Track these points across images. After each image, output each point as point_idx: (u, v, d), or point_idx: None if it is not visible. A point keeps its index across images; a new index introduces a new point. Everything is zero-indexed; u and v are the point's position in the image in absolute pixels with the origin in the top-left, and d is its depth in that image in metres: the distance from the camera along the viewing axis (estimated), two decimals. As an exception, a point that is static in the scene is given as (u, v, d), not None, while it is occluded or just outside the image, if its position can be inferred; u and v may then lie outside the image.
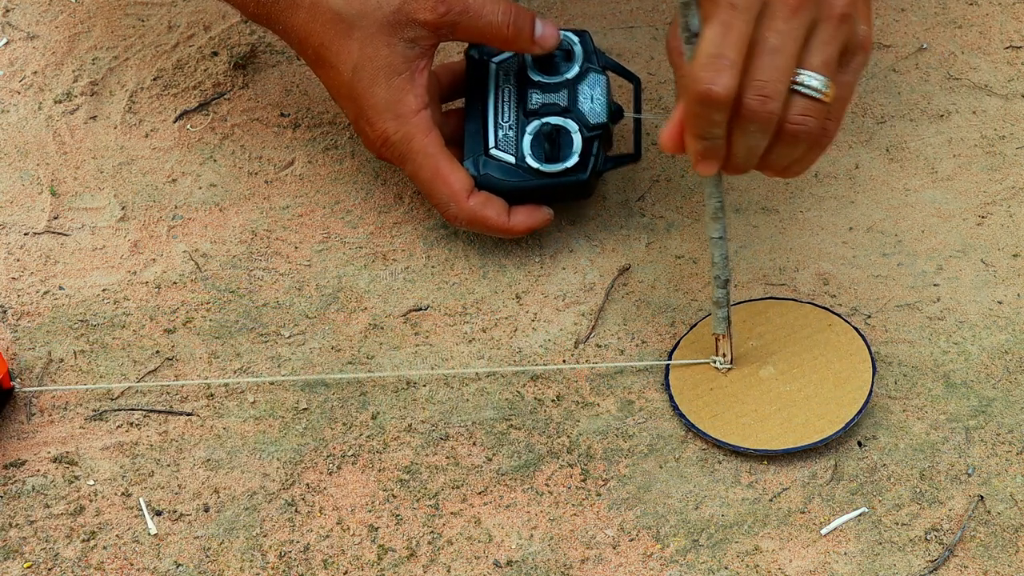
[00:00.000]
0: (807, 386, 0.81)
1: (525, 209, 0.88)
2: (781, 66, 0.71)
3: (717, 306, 0.81)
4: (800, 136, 0.73)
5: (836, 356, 0.82)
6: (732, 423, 0.80)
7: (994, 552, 0.76)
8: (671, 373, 0.83)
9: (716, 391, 0.81)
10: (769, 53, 0.71)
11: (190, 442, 0.81)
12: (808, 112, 0.73)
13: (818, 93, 0.73)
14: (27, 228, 0.92)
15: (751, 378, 0.82)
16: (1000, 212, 0.92)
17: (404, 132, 0.86)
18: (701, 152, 0.74)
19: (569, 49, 0.89)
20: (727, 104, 0.71)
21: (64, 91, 1.00)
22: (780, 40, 0.71)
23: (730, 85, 0.70)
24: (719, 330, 0.82)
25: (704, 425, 0.80)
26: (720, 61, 0.70)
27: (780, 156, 0.75)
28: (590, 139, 0.87)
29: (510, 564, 0.75)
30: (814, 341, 0.83)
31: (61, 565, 0.75)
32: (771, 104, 0.71)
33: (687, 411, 0.80)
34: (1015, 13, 1.04)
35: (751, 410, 0.80)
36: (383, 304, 0.88)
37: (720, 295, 0.80)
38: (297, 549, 0.76)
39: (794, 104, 0.73)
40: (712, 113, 0.71)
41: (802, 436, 0.79)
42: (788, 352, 0.83)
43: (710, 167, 0.74)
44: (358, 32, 0.84)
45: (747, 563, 0.75)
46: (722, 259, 0.79)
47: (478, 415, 0.82)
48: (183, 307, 0.87)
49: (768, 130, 0.72)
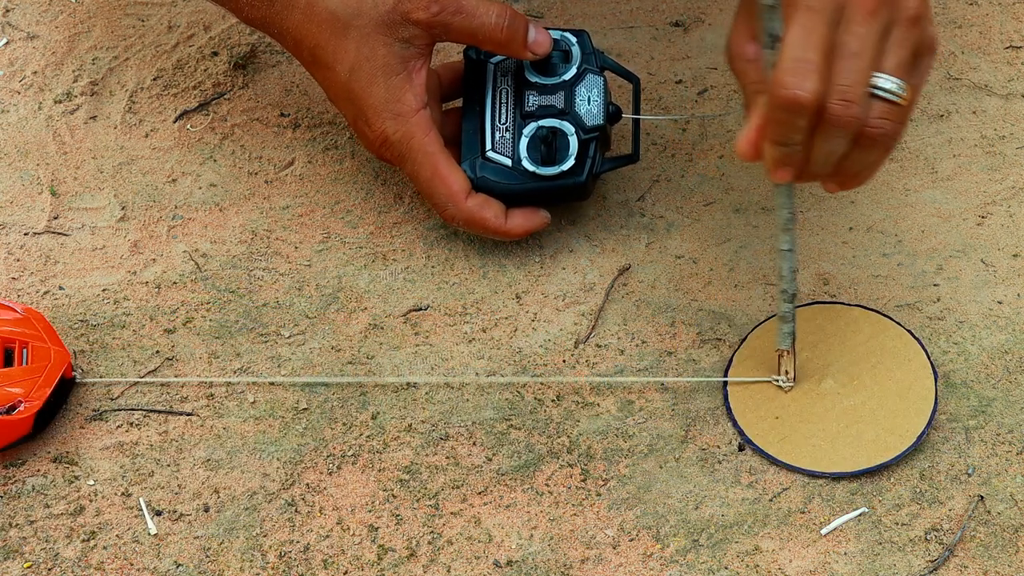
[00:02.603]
0: (871, 399, 0.80)
1: (522, 212, 0.88)
2: (862, 69, 0.70)
3: (782, 321, 0.79)
4: (877, 140, 0.72)
5: (895, 363, 0.81)
6: (802, 446, 0.78)
7: (994, 552, 0.76)
8: (730, 394, 0.81)
9: (778, 410, 0.80)
10: (850, 57, 0.70)
11: (190, 442, 0.81)
12: (886, 115, 0.72)
13: (895, 96, 0.72)
14: (27, 228, 0.92)
15: (812, 393, 0.80)
16: (1000, 212, 0.92)
17: (403, 131, 0.85)
18: (780, 159, 0.72)
19: (567, 50, 0.89)
20: (813, 109, 0.70)
21: (64, 91, 1.00)
22: (859, 43, 0.70)
23: (816, 90, 0.69)
24: (783, 346, 0.80)
25: (773, 450, 0.78)
26: (805, 65, 0.69)
27: (854, 161, 0.74)
28: (587, 141, 0.87)
29: (510, 564, 0.75)
30: (869, 348, 0.82)
31: (61, 565, 0.75)
32: (854, 109, 0.70)
33: (753, 436, 0.79)
34: (1015, 13, 1.04)
35: (819, 430, 0.79)
36: (383, 304, 0.88)
37: (786, 310, 0.79)
38: (297, 549, 0.76)
39: (872, 108, 0.72)
40: (797, 119, 0.70)
41: (875, 455, 0.78)
42: (845, 362, 0.82)
43: (786, 174, 0.73)
44: (354, 32, 0.84)
45: (747, 563, 0.75)
46: (790, 272, 0.78)
47: (478, 415, 0.82)
48: (183, 307, 0.87)
49: (850, 135, 0.71)
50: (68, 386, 0.82)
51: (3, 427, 0.78)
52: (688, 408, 0.82)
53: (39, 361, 0.80)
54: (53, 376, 0.80)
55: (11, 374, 0.79)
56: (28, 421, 0.78)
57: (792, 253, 0.77)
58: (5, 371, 0.79)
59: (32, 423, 0.78)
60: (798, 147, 0.72)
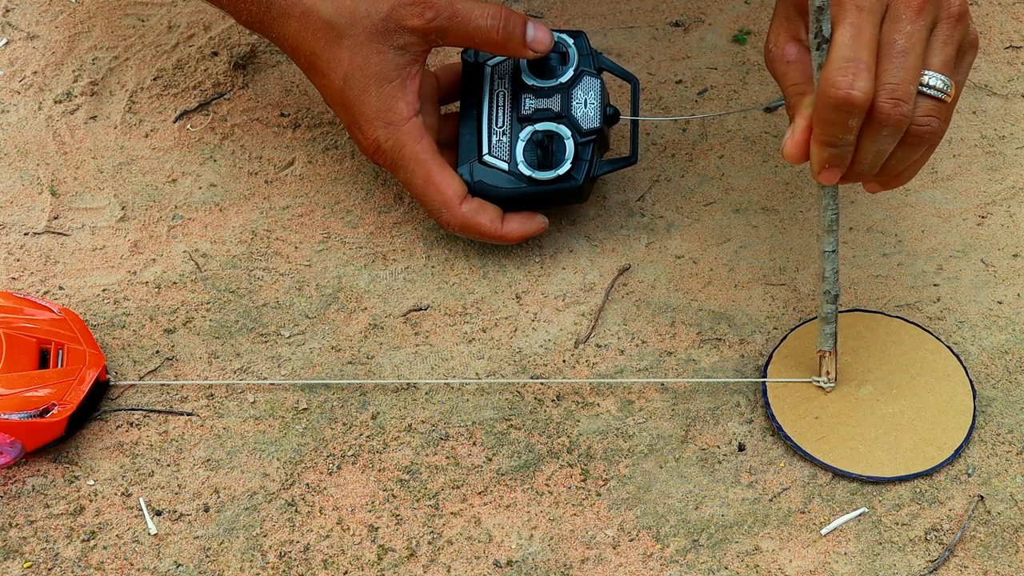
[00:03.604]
0: (909, 409, 0.80)
1: (519, 216, 0.88)
2: (910, 67, 0.70)
3: (825, 322, 0.79)
4: (924, 137, 0.72)
5: (934, 377, 0.82)
6: (839, 447, 0.78)
7: (994, 552, 0.76)
8: (769, 392, 0.81)
9: (817, 410, 0.80)
10: (899, 55, 0.70)
11: (190, 442, 0.81)
12: (932, 113, 0.72)
13: (942, 93, 0.72)
14: (27, 228, 0.92)
15: (851, 397, 0.81)
16: (1000, 212, 0.92)
17: (395, 139, 0.85)
18: (828, 160, 0.72)
19: (564, 52, 0.88)
20: (864, 108, 0.70)
21: (64, 91, 1.00)
22: (907, 42, 0.70)
23: (868, 89, 0.69)
24: (825, 347, 0.80)
25: (811, 448, 0.79)
26: (857, 65, 0.69)
27: (899, 160, 0.74)
28: (583, 144, 0.87)
29: (510, 564, 0.75)
30: (909, 360, 0.82)
31: (61, 565, 0.75)
32: (904, 107, 0.70)
33: (792, 432, 0.79)
34: (1015, 13, 1.04)
35: (857, 433, 0.79)
36: (383, 304, 0.88)
37: (829, 311, 0.79)
38: (297, 549, 0.76)
39: (920, 105, 0.72)
40: (848, 119, 0.70)
41: (912, 463, 0.78)
42: (885, 370, 0.82)
43: (833, 175, 0.73)
44: (348, 40, 0.84)
45: (747, 563, 0.75)
46: (833, 273, 0.78)
47: (478, 415, 0.82)
48: (183, 307, 0.87)
49: (899, 133, 0.71)
50: (102, 389, 0.82)
51: (36, 430, 0.77)
52: (688, 408, 0.82)
53: (74, 363, 0.80)
54: (88, 379, 0.80)
55: (45, 376, 0.79)
56: (61, 424, 0.78)
57: (835, 254, 0.77)
58: (40, 373, 0.79)
59: (65, 426, 0.78)
60: (848, 147, 0.72)
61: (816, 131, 0.72)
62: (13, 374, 0.78)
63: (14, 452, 0.78)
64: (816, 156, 0.73)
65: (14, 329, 0.80)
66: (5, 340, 0.79)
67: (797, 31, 0.76)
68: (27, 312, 0.82)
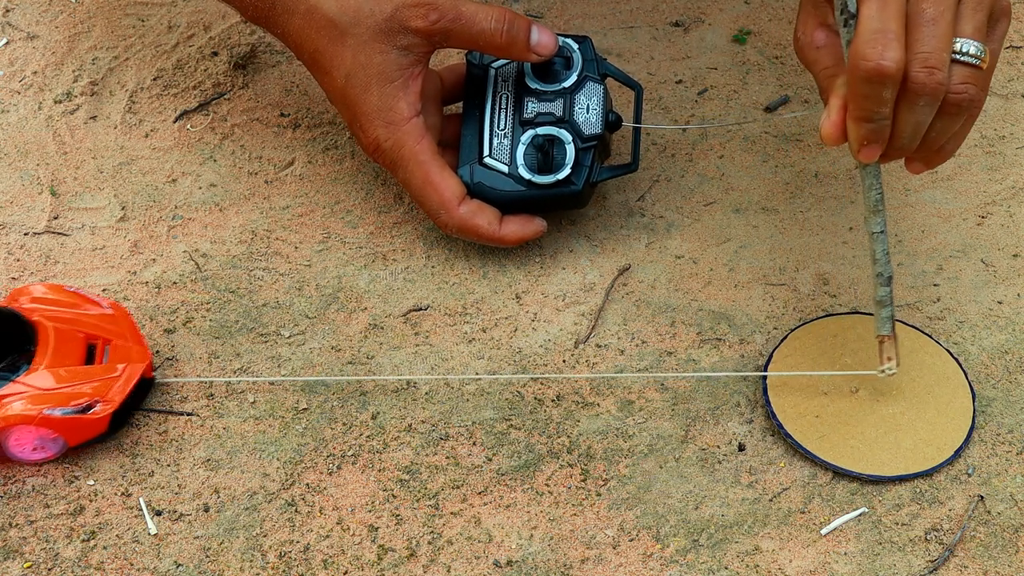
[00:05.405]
0: (909, 410, 0.80)
1: (518, 219, 0.88)
2: (941, 35, 0.70)
3: (880, 305, 0.78)
4: (963, 105, 0.72)
5: (934, 380, 0.82)
6: (840, 445, 0.79)
7: (994, 552, 0.76)
8: (770, 391, 0.81)
9: (818, 409, 0.80)
10: (928, 23, 0.70)
11: (190, 442, 0.81)
12: (968, 80, 0.71)
13: (976, 60, 0.71)
14: (27, 228, 0.92)
15: (852, 397, 0.81)
16: (1000, 212, 0.92)
17: (395, 139, 0.85)
18: (866, 136, 0.72)
19: (568, 56, 0.88)
20: (898, 78, 0.69)
21: (64, 91, 1.00)
22: (936, 9, 0.70)
23: (899, 58, 0.69)
24: (884, 331, 0.78)
25: (811, 446, 0.79)
26: (886, 35, 0.69)
27: (940, 132, 0.73)
28: (584, 150, 0.87)
29: (510, 564, 0.75)
30: (909, 362, 0.82)
31: (61, 565, 0.75)
32: (938, 75, 0.70)
33: (792, 431, 0.79)
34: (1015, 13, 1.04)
35: (857, 432, 0.79)
36: (383, 304, 0.88)
37: (883, 294, 0.77)
38: (297, 549, 0.76)
39: (955, 73, 0.71)
40: (882, 91, 0.70)
41: (912, 463, 0.78)
42: None
43: (873, 152, 0.73)
44: (351, 39, 0.84)
45: (747, 563, 0.75)
46: (884, 255, 0.76)
47: (478, 415, 0.82)
48: (183, 307, 0.87)
49: (936, 102, 0.71)
50: (147, 386, 0.82)
51: (79, 426, 0.77)
52: (688, 408, 0.82)
53: (119, 360, 0.80)
54: (133, 376, 0.79)
55: (90, 372, 0.79)
56: (104, 421, 0.78)
57: (884, 235, 0.76)
58: (85, 369, 0.79)
59: (108, 423, 0.78)
60: (886, 121, 0.71)
61: (851, 108, 0.72)
62: (59, 369, 0.78)
63: (56, 447, 0.78)
64: (853, 133, 0.72)
65: (63, 323, 0.80)
66: (54, 334, 0.79)
67: (824, 17, 0.76)
68: (78, 306, 0.82)
